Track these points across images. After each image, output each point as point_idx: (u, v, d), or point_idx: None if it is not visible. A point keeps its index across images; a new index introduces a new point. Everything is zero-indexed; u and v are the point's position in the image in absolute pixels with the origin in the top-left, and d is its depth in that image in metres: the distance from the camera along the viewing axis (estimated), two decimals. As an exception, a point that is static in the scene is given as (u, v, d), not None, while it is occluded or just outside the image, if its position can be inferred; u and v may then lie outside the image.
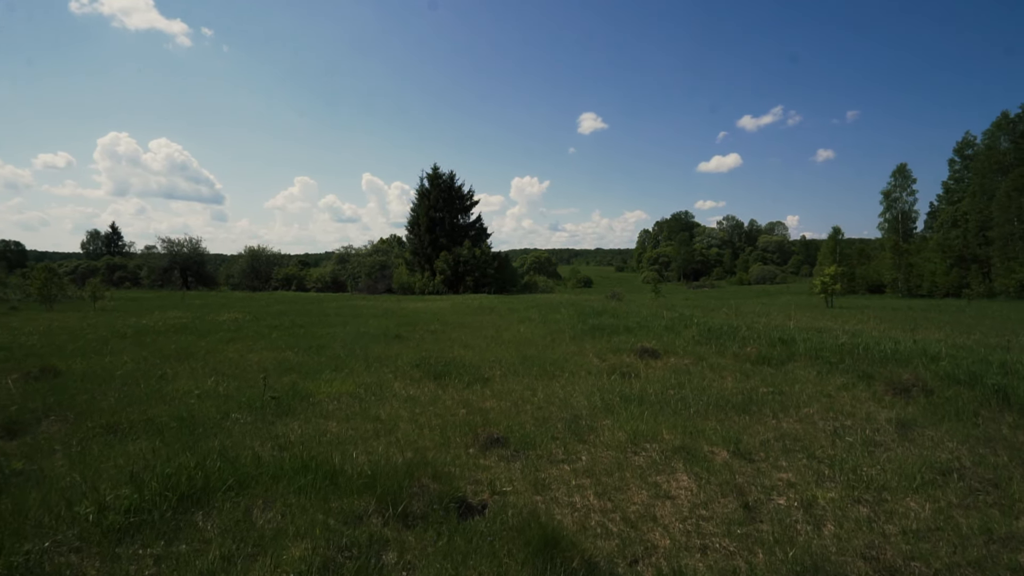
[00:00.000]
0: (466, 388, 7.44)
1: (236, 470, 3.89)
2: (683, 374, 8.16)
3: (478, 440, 4.95)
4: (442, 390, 7.33)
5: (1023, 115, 49.16)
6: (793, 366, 8.30)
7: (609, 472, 4.35)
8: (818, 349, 8.68)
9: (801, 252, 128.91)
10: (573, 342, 11.76)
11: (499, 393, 7.09)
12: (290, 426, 5.51)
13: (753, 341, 10.10)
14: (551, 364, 9.13)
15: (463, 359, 9.62)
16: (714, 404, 6.32)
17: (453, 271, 48.80)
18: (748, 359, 8.93)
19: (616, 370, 8.49)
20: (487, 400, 6.76)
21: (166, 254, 61.52)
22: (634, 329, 12.82)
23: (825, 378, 7.38)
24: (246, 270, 67.98)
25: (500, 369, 8.81)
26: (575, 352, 10.44)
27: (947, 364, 7.08)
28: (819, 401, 6.34)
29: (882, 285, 55.94)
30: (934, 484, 3.99)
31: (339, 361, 9.39)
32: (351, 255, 66.69)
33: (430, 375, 8.18)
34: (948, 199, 60.39)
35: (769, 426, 5.52)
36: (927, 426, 5.34)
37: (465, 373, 8.29)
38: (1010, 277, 41.03)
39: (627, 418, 5.80)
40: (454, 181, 53.40)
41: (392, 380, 7.92)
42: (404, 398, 6.84)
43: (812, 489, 3.96)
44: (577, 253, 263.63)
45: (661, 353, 9.78)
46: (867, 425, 5.43)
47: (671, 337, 11.49)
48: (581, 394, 6.94)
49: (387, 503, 3.49)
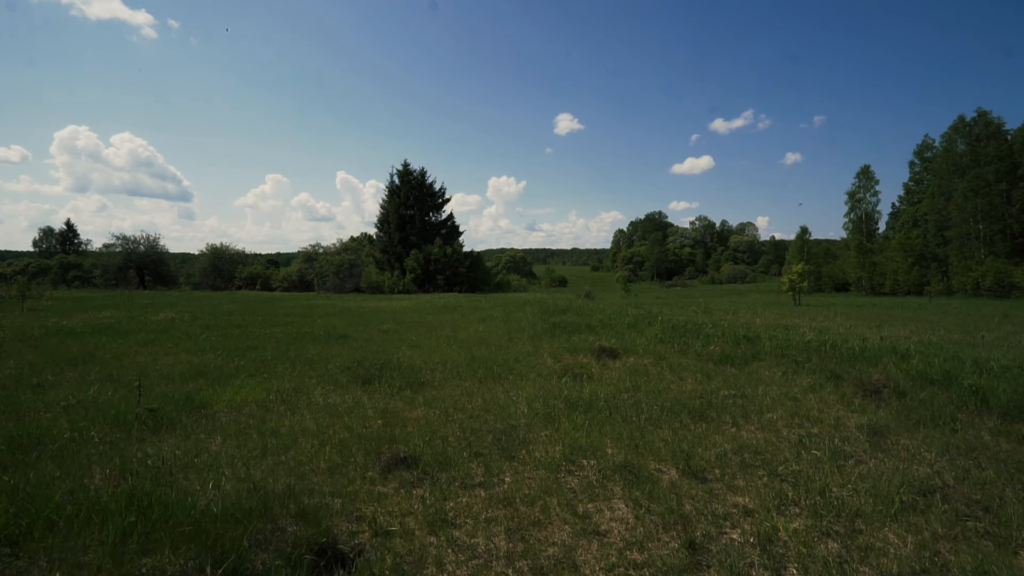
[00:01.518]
0: (396, 394, 6.57)
1: (32, 512, 2.94)
2: (640, 375, 7.47)
3: (381, 460, 4.09)
4: (367, 396, 6.44)
5: (978, 119, 50.80)
6: (757, 366, 7.69)
7: (532, 499, 3.56)
8: (784, 347, 8.11)
9: (771, 252, 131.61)
10: (531, 341, 10.99)
11: (431, 400, 6.24)
12: (161, 445, 4.54)
13: (717, 339, 9.51)
14: (500, 365, 8.33)
15: (405, 360, 8.74)
16: (669, 410, 5.61)
17: (424, 270, 47.61)
18: (711, 358, 8.30)
19: (569, 371, 7.74)
20: (415, 409, 5.90)
21: (120, 252, 58.35)
22: (596, 327, 12.14)
23: (791, 379, 6.78)
24: (208, 269, 65.22)
25: (443, 371, 7.97)
26: (530, 352, 9.68)
27: (918, 362, 6.55)
28: (783, 405, 5.70)
29: (847, 283, 57.09)
30: (915, 508, 3.33)
31: (263, 364, 8.39)
32: (319, 254, 64.63)
33: (360, 379, 7.27)
34: (908, 200, 62.18)
35: (727, 436, 4.82)
36: (901, 433, 4.73)
37: (401, 376, 7.41)
38: (967, 275, 42.16)
39: (569, 428, 5.03)
40: (425, 178, 52.20)
41: (314, 385, 6.98)
42: (319, 407, 5.93)
43: (772, 518, 3.24)
44: (554, 253, 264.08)
45: (620, 352, 9.09)
46: (836, 433, 4.78)
47: (633, 335, 10.83)
48: (524, 400, 6.15)
49: (219, 557, 2.61)
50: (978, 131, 50.04)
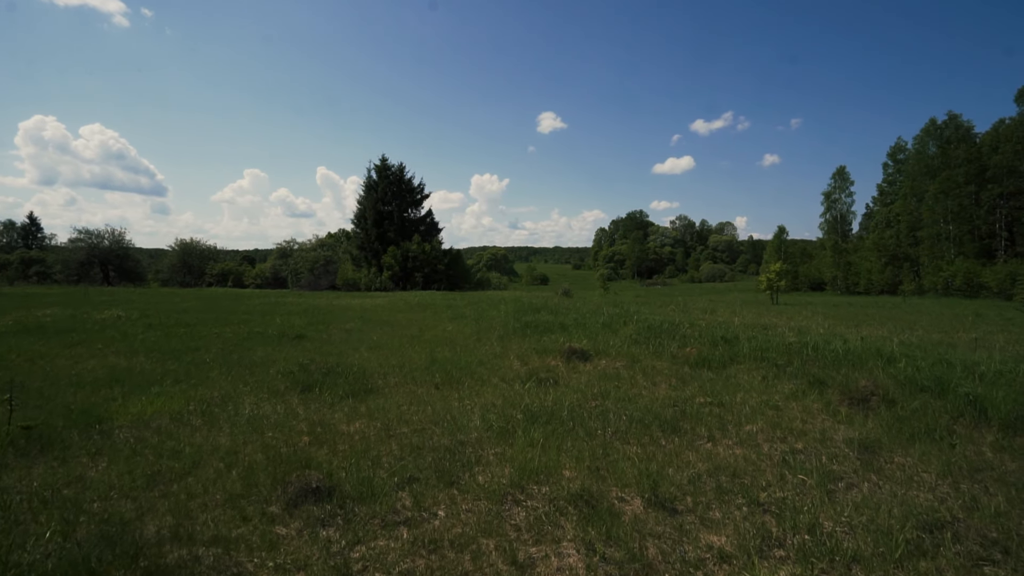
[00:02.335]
0: (337, 403, 5.84)
1: None
2: (611, 380, 6.87)
3: (288, 490, 3.38)
4: (304, 406, 5.70)
5: (949, 122, 51.85)
6: (736, 369, 7.17)
7: (464, 542, 2.90)
8: (763, 349, 7.60)
9: (749, 251, 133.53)
10: (500, 341, 10.34)
11: (375, 410, 5.54)
12: (26, 473, 3.76)
13: (694, 340, 8.98)
14: (462, 369, 7.65)
15: (359, 363, 8.00)
16: (639, 421, 5.02)
17: (401, 267, 46.57)
18: (687, 361, 7.76)
19: (535, 376, 7.11)
20: (353, 421, 5.19)
21: (82, 247, 55.79)
22: (569, 327, 11.55)
23: (772, 384, 6.25)
24: (177, 265, 62.95)
25: (397, 376, 7.26)
26: (497, 354, 9.02)
27: (906, 367, 6.09)
28: (764, 415, 5.15)
29: (823, 283, 57.92)
30: (922, 550, 2.77)
31: (197, 369, 7.56)
32: (294, 250, 62.90)
33: (300, 385, 6.52)
34: (882, 201, 63.30)
35: (702, 453, 4.24)
36: (895, 449, 4.21)
37: (348, 382, 6.68)
38: (938, 275, 42.96)
39: (524, 445, 4.39)
40: (404, 173, 51.07)
41: (246, 393, 6.21)
42: (244, 420, 5.17)
43: (754, 566, 2.65)
44: (536, 251, 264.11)
45: (592, 354, 8.50)
46: (823, 449, 4.24)
47: (607, 336, 10.26)
48: (479, 409, 5.50)
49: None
50: (948, 134, 51.05)
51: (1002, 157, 43.85)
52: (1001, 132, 45.17)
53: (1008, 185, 43.93)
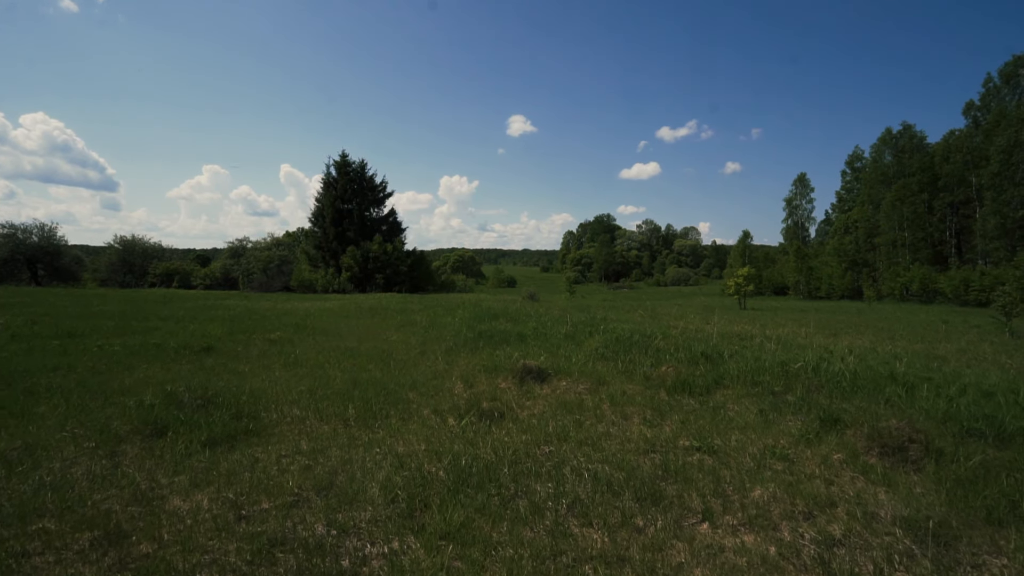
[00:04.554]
0: (190, 456, 4.18)
1: None
2: (571, 412, 5.45)
3: None
4: (139, 463, 4.02)
5: (903, 132, 53.52)
6: (723, 396, 5.87)
7: None
8: (754, 371, 6.34)
9: (712, 256, 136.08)
10: (446, 356, 8.80)
11: (238, 469, 3.92)
12: None
13: (669, 356, 7.69)
14: (388, 395, 6.09)
15: (257, 389, 6.32)
16: (606, 482, 3.60)
17: (361, 268, 44.26)
18: (663, 384, 6.42)
19: (477, 405, 5.62)
20: (198, 490, 3.56)
21: (5, 243, 50.82)
22: (528, 338, 10.11)
23: (772, 420, 4.95)
24: (116, 264, 58.35)
25: (299, 407, 5.63)
26: (439, 372, 7.49)
27: (933, 397, 4.90)
28: (773, 471, 3.82)
29: (785, 287, 58.80)
30: None
31: (27, 399, 5.70)
32: (247, 249, 59.33)
33: (152, 426, 4.79)
34: (840, 208, 65.03)
35: (698, 547, 2.84)
36: (976, 540, 2.91)
37: (224, 419, 5.01)
38: (895, 281, 43.91)
39: (436, 536, 2.89)
40: (365, 171, 48.73)
41: (67, 441, 4.45)
42: (31, 489, 3.47)
43: None
44: (505, 253, 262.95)
45: (550, 374, 7.07)
46: (870, 537, 2.91)
47: (569, 349, 8.86)
48: (391, 463, 3.97)
49: None
50: (903, 143, 52.64)
51: (952, 167, 45.31)
52: (951, 143, 46.72)
53: (958, 194, 45.42)
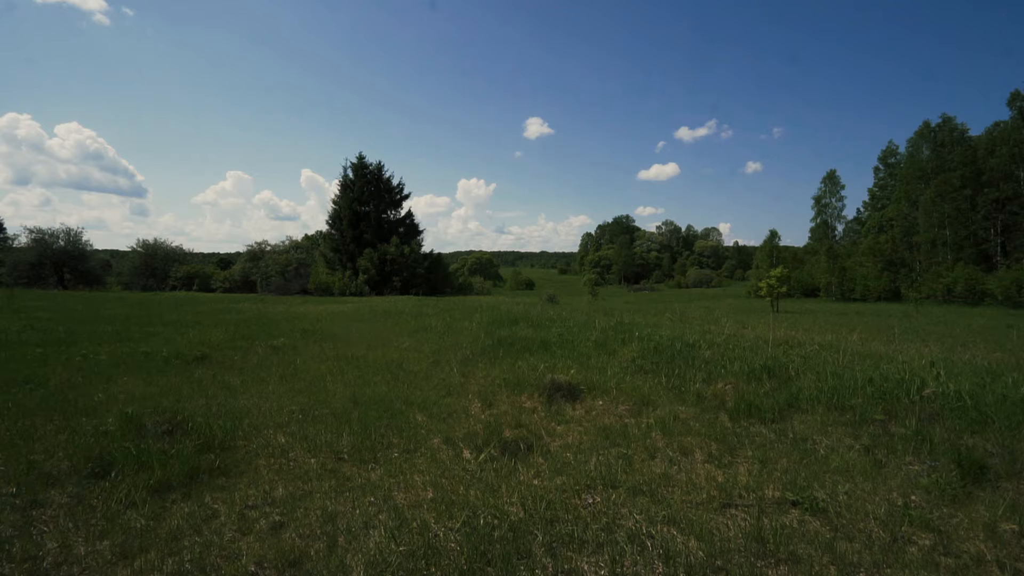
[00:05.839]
0: (133, 506, 3.25)
1: None
2: (615, 443, 4.39)
3: None
4: (58, 519, 3.10)
5: (943, 125, 50.80)
6: (803, 424, 4.72)
7: None
8: (836, 390, 5.17)
9: (734, 257, 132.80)
10: (462, 366, 7.82)
11: (185, 529, 2.97)
12: None
13: (723, 369, 6.54)
14: (393, 417, 5.12)
15: (240, 408, 5.42)
16: (681, 564, 2.53)
17: (379, 271, 43.68)
18: (723, 405, 5.30)
19: (498, 434, 4.60)
20: (124, 563, 2.61)
21: (33, 248, 51.82)
22: (553, 345, 9.05)
23: (885, 463, 3.78)
24: (139, 268, 59.20)
25: (285, 433, 4.70)
26: (453, 387, 6.50)
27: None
28: (921, 550, 2.69)
29: (816, 288, 56.28)
30: None
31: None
32: (265, 252, 59.52)
33: (96, 463, 3.88)
34: (873, 205, 62.21)
35: None
36: None
37: (188, 451, 4.08)
38: (937, 282, 41.41)
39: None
40: (382, 172, 48.27)
41: (-10, 482, 3.58)
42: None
43: None
44: (523, 256, 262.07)
45: (583, 391, 6.01)
46: None
47: (602, 359, 7.78)
48: (385, 523, 2.98)
49: None
50: (943, 137, 49.98)
51: (998, 161, 42.67)
52: (996, 136, 44.03)
53: (1005, 189, 42.74)
